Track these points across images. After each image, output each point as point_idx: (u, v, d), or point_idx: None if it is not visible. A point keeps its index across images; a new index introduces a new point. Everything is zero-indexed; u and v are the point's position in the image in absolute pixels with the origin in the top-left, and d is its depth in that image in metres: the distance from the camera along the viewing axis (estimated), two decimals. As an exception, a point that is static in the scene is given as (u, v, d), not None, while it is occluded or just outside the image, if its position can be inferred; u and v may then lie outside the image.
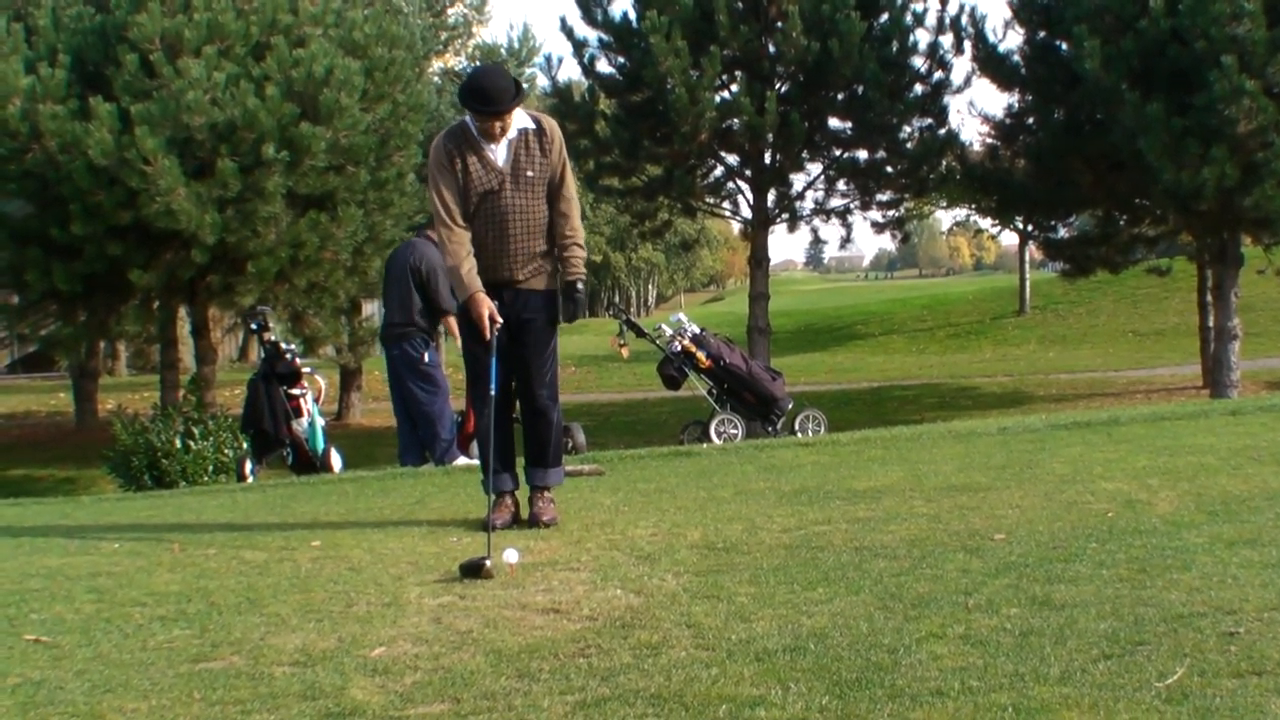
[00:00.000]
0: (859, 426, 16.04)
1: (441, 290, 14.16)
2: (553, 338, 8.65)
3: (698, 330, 18.60)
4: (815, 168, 31.46)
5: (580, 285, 8.45)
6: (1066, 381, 35.13)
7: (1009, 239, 71.37)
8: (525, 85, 40.62)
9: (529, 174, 8.23)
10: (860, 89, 28.32)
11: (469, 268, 8.14)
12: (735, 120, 28.63)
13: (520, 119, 8.25)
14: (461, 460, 13.95)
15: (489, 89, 8.08)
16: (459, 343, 13.42)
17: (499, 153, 8.20)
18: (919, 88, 29.74)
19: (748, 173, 30.74)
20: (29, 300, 25.31)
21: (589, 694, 4.67)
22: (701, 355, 18.14)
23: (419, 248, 14.71)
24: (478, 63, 39.73)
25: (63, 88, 21.92)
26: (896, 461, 10.34)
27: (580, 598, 6.11)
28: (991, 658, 4.70)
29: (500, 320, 8.15)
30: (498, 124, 8.12)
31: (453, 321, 13.76)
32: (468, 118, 8.27)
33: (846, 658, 4.83)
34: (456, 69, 40.02)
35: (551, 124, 8.40)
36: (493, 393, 8.28)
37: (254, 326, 17.30)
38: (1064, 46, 26.91)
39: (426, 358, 14.60)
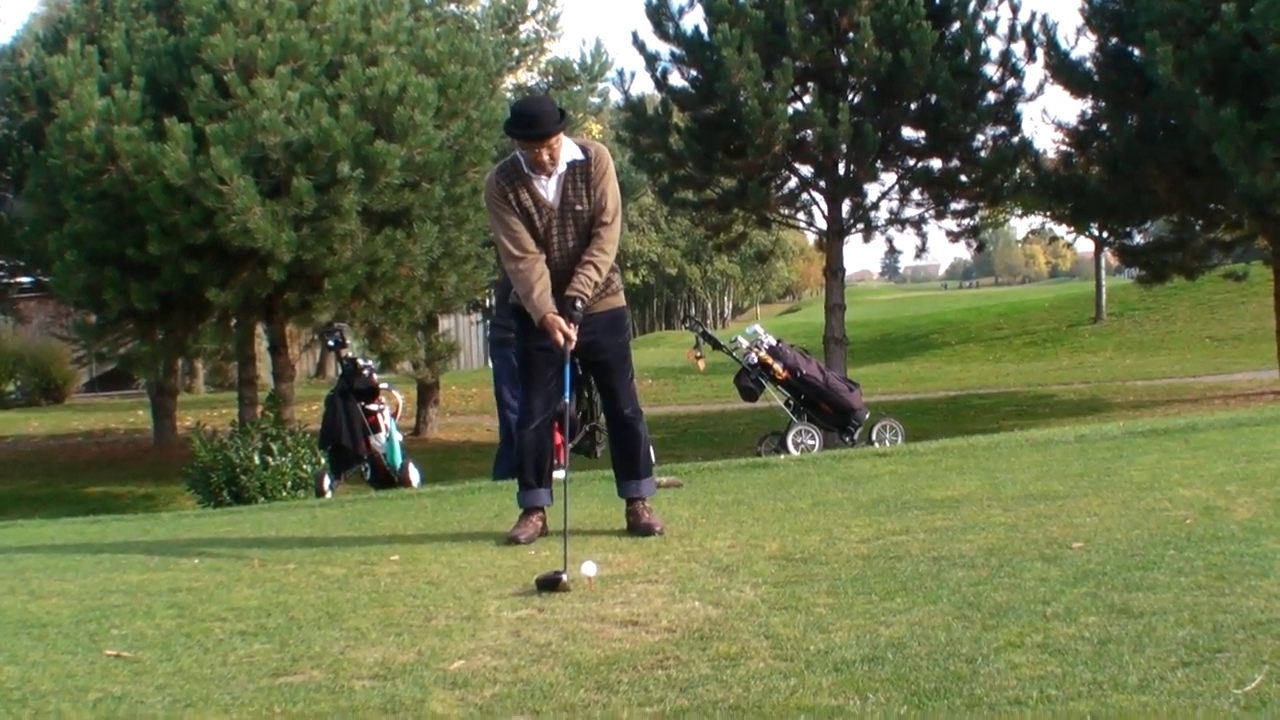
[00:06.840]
0: (936, 436, 16.01)
1: None
2: (627, 354, 8.71)
3: (774, 342, 18.58)
4: (889, 178, 31.41)
5: (579, 304, 8.24)
6: (1144, 388, 34.89)
7: (1085, 246, 70.87)
8: (597, 102, 40.76)
9: (578, 208, 8.25)
10: (933, 98, 28.21)
11: (539, 291, 8.16)
12: (808, 131, 28.61)
13: (569, 151, 8.24)
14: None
15: (533, 113, 8.08)
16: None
17: (549, 188, 8.22)
18: (992, 96, 29.66)
19: (822, 184, 30.70)
20: (107, 319, 25.53)
21: (668, 705, 4.67)
22: (778, 366, 18.12)
23: None
24: (550, 78, 39.79)
25: (138, 109, 22.15)
26: (974, 470, 10.30)
27: (658, 610, 6.11)
28: (1070, 666, 4.67)
29: (574, 338, 8.18)
30: (545, 153, 8.10)
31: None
32: (518, 151, 8.29)
33: (925, 667, 4.81)
34: (529, 84, 40.07)
35: (599, 150, 8.38)
36: (567, 400, 8.41)
37: (331, 343, 17.32)
38: (1136, 52, 26.80)
39: None
